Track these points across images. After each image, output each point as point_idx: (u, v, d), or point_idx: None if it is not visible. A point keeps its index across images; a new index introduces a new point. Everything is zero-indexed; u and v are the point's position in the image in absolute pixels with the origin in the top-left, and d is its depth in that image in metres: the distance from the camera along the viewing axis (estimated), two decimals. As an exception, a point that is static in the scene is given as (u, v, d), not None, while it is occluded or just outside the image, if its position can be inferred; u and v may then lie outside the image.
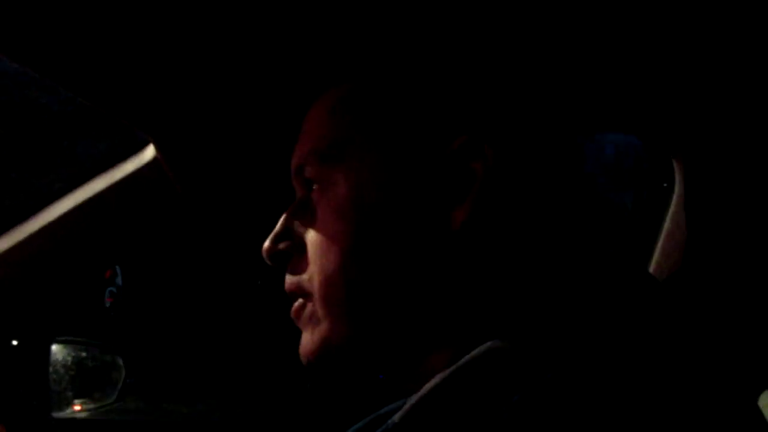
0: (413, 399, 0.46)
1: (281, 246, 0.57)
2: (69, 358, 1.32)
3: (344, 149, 0.55)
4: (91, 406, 1.36)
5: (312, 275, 0.55)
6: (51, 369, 1.25)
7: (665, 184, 1.03)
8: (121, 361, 1.38)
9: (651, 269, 1.01)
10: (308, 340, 0.56)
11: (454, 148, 0.52)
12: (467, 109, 0.53)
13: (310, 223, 0.56)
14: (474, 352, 0.46)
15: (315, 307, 0.55)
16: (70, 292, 1.09)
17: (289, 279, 0.58)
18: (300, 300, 0.57)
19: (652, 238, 1.02)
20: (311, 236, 0.56)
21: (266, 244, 0.58)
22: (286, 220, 0.58)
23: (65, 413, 1.27)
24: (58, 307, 1.12)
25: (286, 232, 0.58)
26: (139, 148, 0.88)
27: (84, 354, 1.36)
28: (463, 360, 0.46)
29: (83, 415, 1.32)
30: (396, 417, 0.46)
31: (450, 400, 0.45)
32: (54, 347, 1.25)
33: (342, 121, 0.56)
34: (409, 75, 0.55)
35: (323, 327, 0.54)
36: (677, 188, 0.96)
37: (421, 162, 0.53)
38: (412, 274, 0.52)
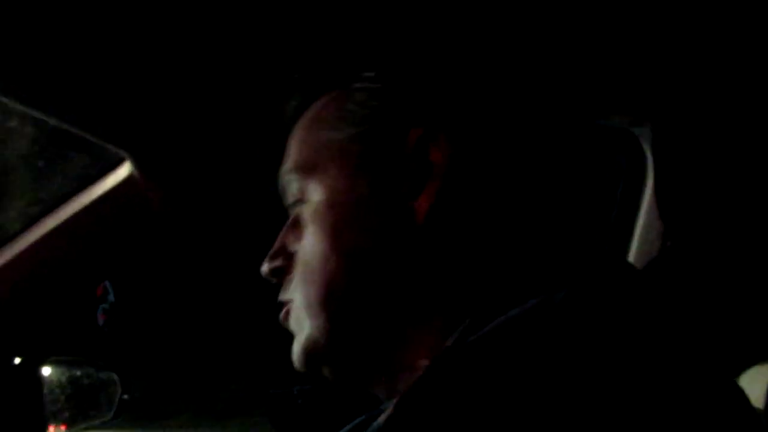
0: (395, 400, 0.45)
1: (276, 263, 0.59)
2: (63, 377, 1.32)
3: (321, 159, 0.56)
4: (87, 424, 1.35)
5: (298, 281, 0.57)
6: (46, 389, 1.25)
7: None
8: (116, 378, 1.38)
9: (632, 258, 1.02)
10: (296, 344, 0.58)
11: (412, 140, 0.53)
12: (423, 102, 0.55)
13: (300, 236, 0.57)
14: (451, 348, 0.47)
15: (298, 311, 0.57)
16: (60, 312, 1.10)
17: (284, 292, 0.59)
18: (286, 307, 0.59)
19: (629, 230, 1.03)
20: (300, 247, 0.57)
21: (264, 262, 0.60)
22: (281, 238, 0.60)
23: (62, 432, 1.27)
24: (50, 327, 1.12)
25: (281, 248, 0.59)
26: (115, 165, 0.89)
27: (79, 373, 1.36)
28: (439, 358, 0.45)
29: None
30: (381, 419, 0.45)
31: (430, 399, 0.43)
32: (48, 367, 1.25)
33: (314, 136, 0.58)
34: (366, 76, 0.57)
35: (306, 330, 0.56)
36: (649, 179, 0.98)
37: (382, 158, 0.54)
38: (382, 268, 0.53)
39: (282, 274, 0.59)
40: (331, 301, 0.54)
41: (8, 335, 1.03)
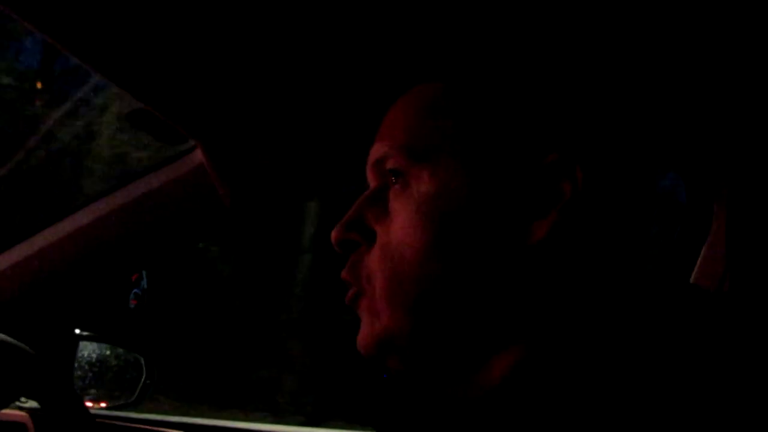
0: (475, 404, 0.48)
1: (350, 235, 0.57)
2: (94, 356, 1.33)
3: (433, 149, 0.54)
4: (111, 404, 1.36)
5: (378, 267, 0.55)
6: (76, 364, 1.26)
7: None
8: (143, 362, 1.39)
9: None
10: (368, 331, 0.56)
11: (545, 163, 0.52)
12: (562, 127, 0.54)
13: (386, 216, 0.56)
14: (520, 375, 0.48)
15: (374, 298, 0.55)
16: (103, 291, 1.11)
17: (350, 269, 0.57)
18: (356, 288, 0.57)
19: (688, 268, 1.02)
20: (385, 228, 0.55)
21: (336, 230, 0.57)
22: (358, 208, 0.58)
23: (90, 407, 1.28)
24: (89, 304, 1.13)
25: (357, 221, 0.57)
26: (187, 152, 0.90)
27: (108, 352, 1.37)
28: (510, 380, 0.48)
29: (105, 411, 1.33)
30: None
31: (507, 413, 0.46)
32: (81, 343, 1.27)
33: (434, 122, 0.55)
34: (509, 84, 0.55)
35: (384, 321, 0.54)
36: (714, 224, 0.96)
37: (508, 173, 0.53)
38: (481, 283, 0.52)
39: (352, 248, 0.57)
40: (422, 299, 0.53)
41: (53, 307, 1.04)
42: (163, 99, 0.77)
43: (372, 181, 0.60)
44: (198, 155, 0.88)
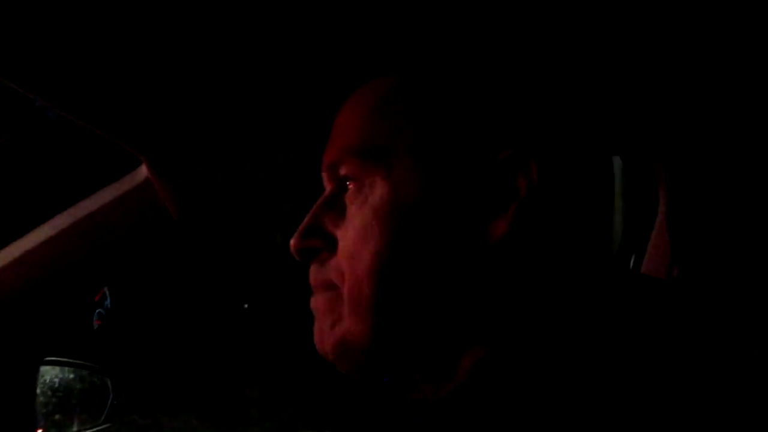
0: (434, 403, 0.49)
1: (310, 242, 0.56)
2: (56, 380, 1.31)
3: (385, 150, 0.54)
4: (78, 429, 1.34)
5: (341, 273, 0.55)
6: (39, 390, 1.24)
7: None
8: (109, 383, 1.37)
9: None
10: (327, 335, 0.56)
11: (500, 160, 0.52)
12: (516, 123, 0.53)
13: (343, 221, 0.55)
14: (484, 366, 0.49)
15: (339, 303, 0.55)
16: (60, 313, 1.09)
17: (316, 275, 0.57)
18: (322, 293, 0.57)
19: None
20: (343, 234, 0.55)
21: (295, 239, 0.57)
22: (315, 214, 0.57)
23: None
24: (48, 327, 1.11)
25: (315, 227, 0.57)
26: (131, 168, 0.89)
27: (72, 376, 1.35)
28: (480, 365, 0.49)
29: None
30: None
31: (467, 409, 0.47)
32: (43, 368, 1.25)
33: (385, 121, 0.55)
34: (461, 81, 0.55)
35: (345, 325, 0.54)
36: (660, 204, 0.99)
37: (463, 171, 0.53)
38: (442, 285, 0.52)
39: (313, 255, 0.57)
40: (382, 304, 0.53)
41: (10, 332, 1.02)
42: (104, 117, 0.77)
43: (327, 185, 0.59)
44: (142, 171, 0.88)
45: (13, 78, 0.66)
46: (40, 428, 1.23)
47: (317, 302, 0.57)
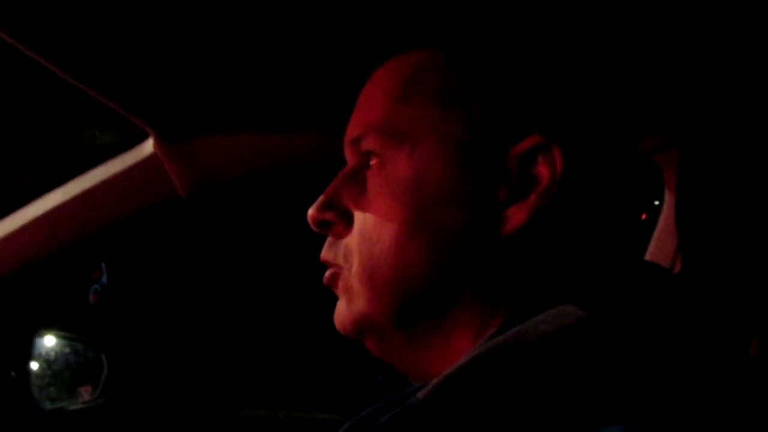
0: (437, 379, 0.48)
1: (328, 215, 0.56)
2: (53, 353, 1.30)
3: (411, 129, 0.53)
4: (75, 401, 1.34)
5: (355, 248, 0.55)
6: (34, 362, 1.24)
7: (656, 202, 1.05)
8: (104, 358, 1.37)
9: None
10: (344, 311, 0.56)
11: (524, 147, 0.51)
12: (544, 108, 0.53)
13: (362, 196, 0.55)
14: (499, 338, 0.48)
15: (351, 279, 0.55)
16: (59, 285, 1.08)
17: (328, 250, 0.57)
18: (333, 268, 0.57)
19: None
20: (361, 209, 0.55)
21: (313, 210, 0.57)
22: (335, 187, 0.57)
23: (50, 406, 1.26)
24: (46, 299, 1.11)
25: (334, 200, 0.57)
26: (139, 140, 0.87)
27: (68, 349, 1.34)
28: (488, 344, 0.48)
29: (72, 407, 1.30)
30: (420, 394, 0.48)
31: (475, 382, 0.47)
32: (39, 339, 1.24)
33: (410, 99, 0.54)
34: (490, 62, 0.54)
35: (361, 302, 0.54)
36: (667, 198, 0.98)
37: (486, 155, 0.52)
38: (458, 268, 0.52)
39: (329, 228, 0.57)
40: (398, 284, 0.52)
41: (6, 304, 1.01)
42: (114, 87, 0.75)
43: (349, 159, 0.59)
44: (149, 144, 0.86)
45: (28, 45, 0.64)
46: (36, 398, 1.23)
47: (332, 281, 0.57)
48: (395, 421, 0.48)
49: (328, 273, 0.57)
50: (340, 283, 0.56)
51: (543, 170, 0.51)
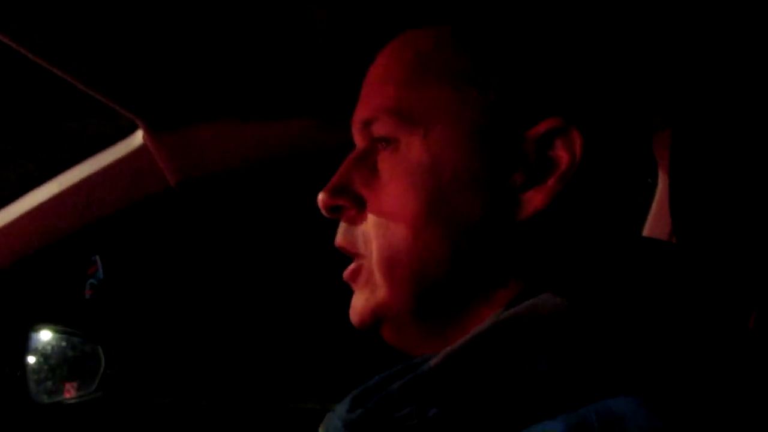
0: (449, 348, 0.48)
1: (340, 200, 0.55)
2: (49, 347, 1.30)
3: (425, 113, 0.52)
4: (71, 395, 1.34)
5: (372, 236, 0.53)
6: (31, 356, 1.23)
7: (649, 180, 1.05)
8: (101, 351, 1.36)
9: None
10: (363, 303, 0.55)
11: (542, 130, 0.50)
12: (560, 90, 0.51)
13: (375, 180, 0.54)
14: (513, 310, 0.48)
15: (371, 269, 0.54)
16: (54, 279, 1.08)
17: (344, 236, 0.56)
18: (355, 262, 0.56)
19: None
20: (375, 194, 0.54)
21: (324, 195, 0.55)
22: (346, 170, 0.56)
23: (47, 400, 1.26)
24: (39, 294, 1.10)
25: (345, 185, 0.55)
26: (128, 132, 0.87)
27: (64, 343, 1.34)
28: (502, 315, 0.48)
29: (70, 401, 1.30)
30: (432, 362, 0.48)
31: (488, 350, 0.46)
32: (34, 334, 1.24)
33: (424, 81, 0.53)
34: (507, 42, 0.52)
35: (381, 293, 0.53)
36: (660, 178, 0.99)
37: (503, 138, 0.51)
38: (474, 251, 0.51)
39: (341, 213, 0.56)
40: (418, 272, 0.52)
41: (4, 299, 1.01)
42: (102, 78, 0.74)
43: (358, 141, 0.57)
44: (139, 136, 0.85)
45: (11, 34, 0.63)
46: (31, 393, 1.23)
47: (350, 276, 0.56)
48: (406, 389, 0.47)
49: (350, 269, 0.56)
50: (362, 277, 0.55)
51: (561, 154, 0.50)
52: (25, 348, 1.19)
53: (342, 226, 0.56)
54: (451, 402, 0.46)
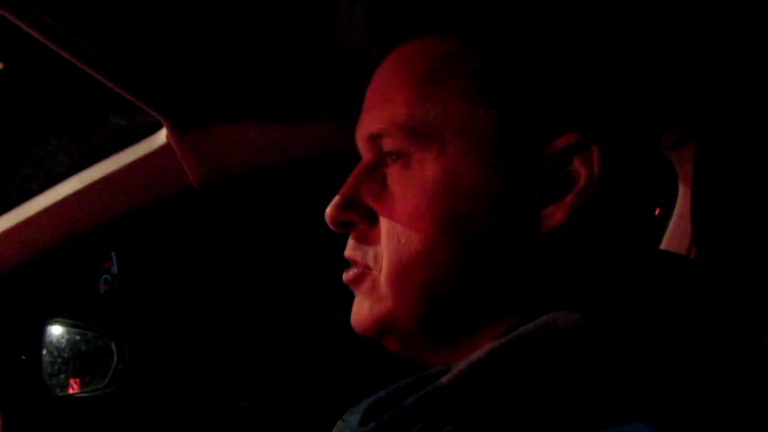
0: (462, 364, 0.47)
1: (348, 215, 0.54)
2: (63, 340, 1.31)
3: (439, 128, 0.50)
4: (83, 390, 1.35)
5: (383, 250, 0.52)
6: (45, 350, 1.25)
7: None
8: (114, 348, 1.37)
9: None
10: (366, 312, 0.54)
11: (559, 145, 0.49)
12: (578, 105, 0.50)
13: (385, 194, 0.53)
14: (524, 327, 0.47)
15: (379, 281, 0.53)
16: (70, 275, 1.09)
17: (354, 248, 0.55)
18: (357, 269, 0.55)
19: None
20: (387, 209, 0.52)
21: (331, 210, 0.54)
22: (352, 184, 0.54)
23: (60, 393, 1.27)
24: (57, 288, 1.11)
25: (353, 199, 0.54)
26: (153, 130, 0.87)
27: (78, 337, 1.35)
28: (513, 333, 0.47)
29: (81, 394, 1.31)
30: (444, 379, 0.47)
31: (500, 370, 0.46)
32: (50, 327, 1.25)
33: (437, 94, 0.51)
34: (523, 54, 0.51)
35: (387, 304, 0.52)
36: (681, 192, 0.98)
37: (520, 154, 0.49)
38: (492, 271, 0.50)
39: (351, 227, 0.55)
40: (429, 287, 0.51)
41: (19, 292, 1.02)
42: (128, 77, 0.75)
43: (365, 153, 0.56)
44: (162, 135, 0.86)
45: (47, 33, 0.64)
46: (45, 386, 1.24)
47: (357, 281, 0.55)
48: (419, 404, 0.47)
49: (352, 273, 0.55)
50: (365, 285, 0.54)
51: (580, 169, 0.48)
52: (40, 341, 1.21)
53: (353, 240, 0.56)
54: (465, 421, 0.45)
